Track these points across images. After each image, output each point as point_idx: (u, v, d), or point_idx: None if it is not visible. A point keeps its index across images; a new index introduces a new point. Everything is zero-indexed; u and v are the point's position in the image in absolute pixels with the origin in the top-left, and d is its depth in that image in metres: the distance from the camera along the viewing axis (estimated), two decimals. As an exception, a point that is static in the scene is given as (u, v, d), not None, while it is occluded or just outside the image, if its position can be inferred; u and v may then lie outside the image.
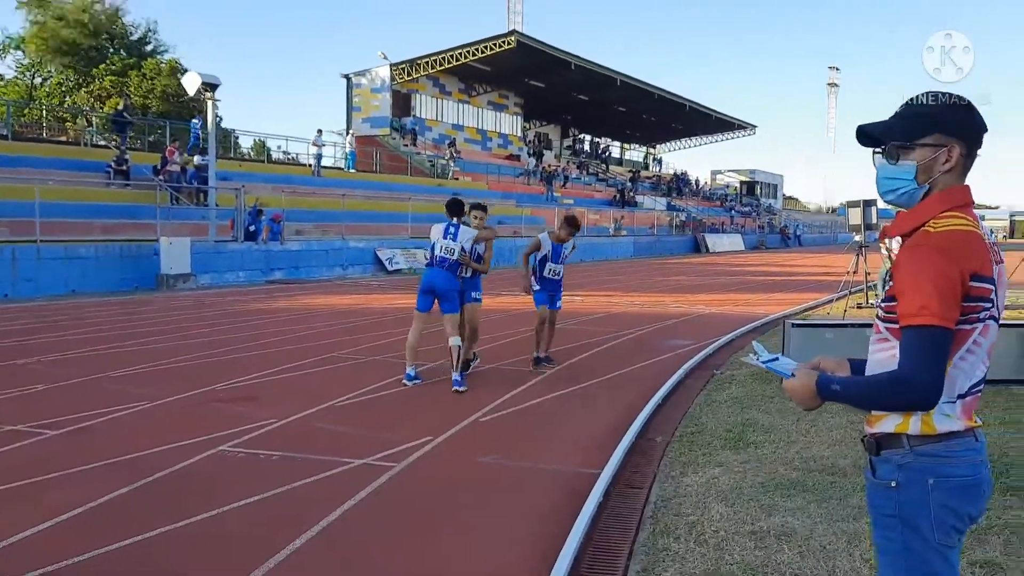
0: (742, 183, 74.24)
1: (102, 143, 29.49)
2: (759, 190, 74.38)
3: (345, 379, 7.79)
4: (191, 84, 19.75)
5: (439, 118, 44.40)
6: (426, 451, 5.42)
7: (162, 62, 45.87)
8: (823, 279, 22.33)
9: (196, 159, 23.29)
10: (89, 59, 45.42)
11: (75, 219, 17.49)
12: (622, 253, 38.05)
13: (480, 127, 47.43)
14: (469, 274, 7.73)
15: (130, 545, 3.78)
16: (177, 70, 42.84)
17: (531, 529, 4.14)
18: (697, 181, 67.42)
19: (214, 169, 20.81)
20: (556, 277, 8.39)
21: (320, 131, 31.17)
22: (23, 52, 46.74)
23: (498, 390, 7.33)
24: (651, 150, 69.94)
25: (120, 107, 25.93)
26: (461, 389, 7.18)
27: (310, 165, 31.34)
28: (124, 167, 21.44)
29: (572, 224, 8.37)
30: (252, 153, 41.02)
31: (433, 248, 7.52)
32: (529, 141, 52.08)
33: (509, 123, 49.90)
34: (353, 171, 34.03)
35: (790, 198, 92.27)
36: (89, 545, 3.72)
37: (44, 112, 38.68)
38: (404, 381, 7.41)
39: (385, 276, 22.77)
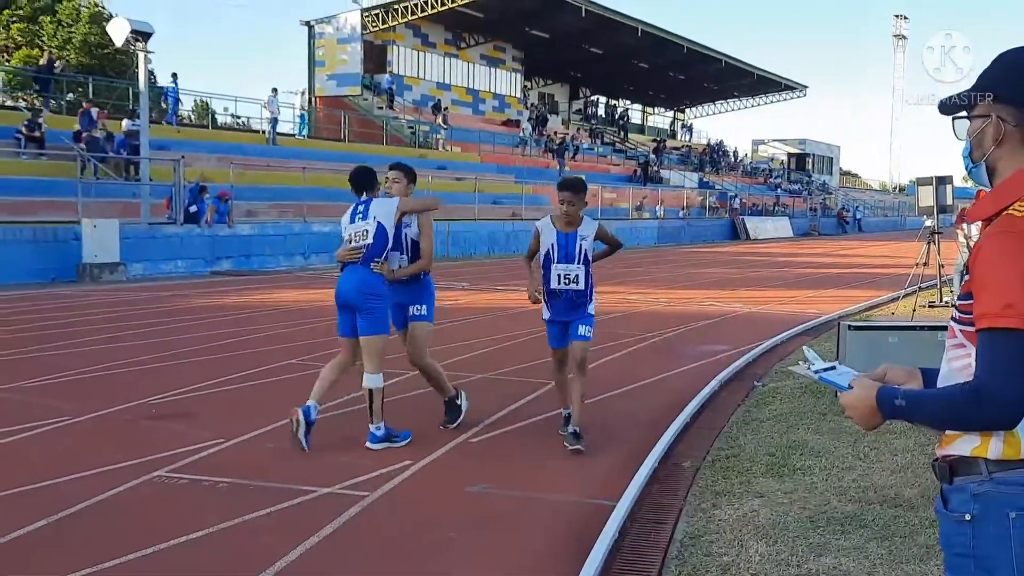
0: (790, 156, 74.35)
1: (9, 104, 29.50)
2: (811, 164, 74.50)
3: (305, 392, 7.78)
4: (118, 33, 19.76)
5: (421, 75, 44.44)
6: (404, 478, 5.45)
7: (81, 6, 45.79)
8: (887, 272, 22.39)
9: (125, 124, 23.30)
10: (-7, 2, 45.34)
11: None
12: (644, 240, 38.15)
13: (471, 86, 47.48)
14: (402, 275, 6.36)
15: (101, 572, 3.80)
16: (100, 16, 42.77)
17: (533, 571, 4.17)
18: (735, 153, 67.63)
19: (147, 137, 20.82)
20: (571, 287, 6.09)
21: (275, 90, 31.25)
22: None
23: (492, 404, 7.36)
24: (679, 115, 70.06)
25: (43, 61, 25.99)
26: (375, 447, 6.00)
27: (263, 132, 31.36)
28: (37, 133, 21.43)
29: (572, 188, 6.10)
30: (193, 117, 40.98)
31: (342, 243, 6.27)
32: (531, 104, 52.14)
33: (506, 81, 49.96)
34: (304, 137, 33.87)
35: (848, 174, 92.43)
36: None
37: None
38: (302, 423, 5.96)
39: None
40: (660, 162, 52.67)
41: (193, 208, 20.42)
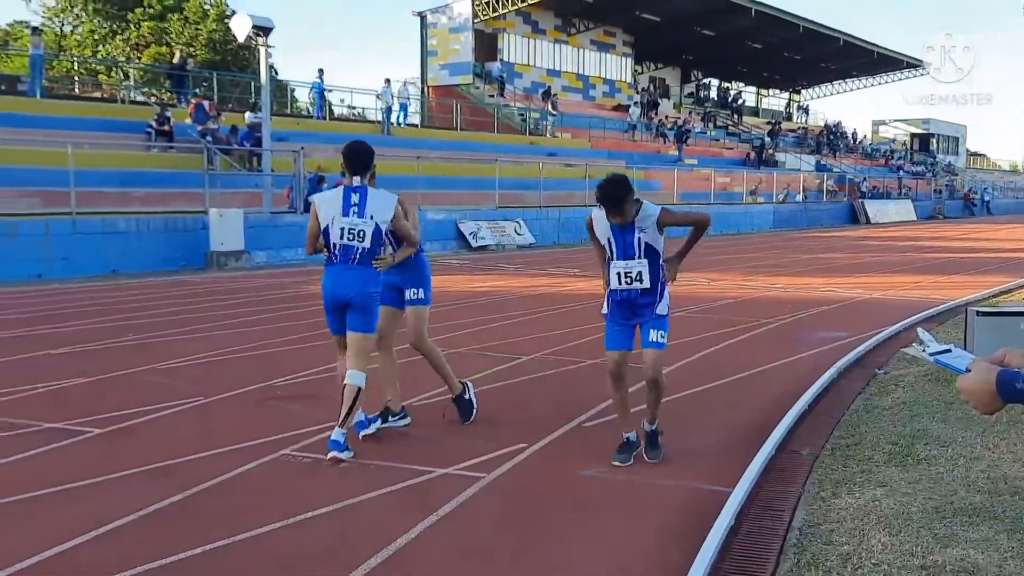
0: (913, 136, 71.66)
1: (140, 99, 30.87)
2: (935, 144, 71.63)
3: (423, 375, 7.94)
4: (241, 28, 20.41)
5: (531, 62, 44.48)
6: (520, 461, 5.52)
7: (207, 4, 47.48)
8: (1018, 257, 21.39)
9: (248, 116, 24.09)
10: (123, 3, 47.44)
11: (113, 188, 18.39)
12: (759, 224, 37.39)
13: (581, 72, 47.28)
14: (393, 259, 5.90)
15: (175, 563, 4.00)
16: (224, 14, 44.27)
17: (646, 555, 4.18)
18: (854, 134, 65.47)
19: (268, 129, 21.48)
20: (635, 285, 5.29)
21: (388, 81, 31.73)
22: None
23: (603, 389, 7.35)
24: (795, 96, 68.24)
25: (176, 60, 27.13)
26: (341, 455, 5.44)
27: (378, 122, 31.95)
28: (166, 127, 22.36)
29: (608, 201, 5.21)
30: (311, 109, 42.11)
31: (327, 234, 5.67)
32: (641, 88, 51.63)
33: (616, 66, 49.56)
34: (402, 125, 34.22)
35: (976, 154, 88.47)
36: (128, 562, 3.96)
37: (75, 65, 40.67)
38: (358, 432, 5.92)
39: (469, 254, 23.08)
40: (775, 145, 51.43)
41: (312, 198, 20.94)
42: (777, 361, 8.76)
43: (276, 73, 35.39)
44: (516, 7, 40.71)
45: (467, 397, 6.44)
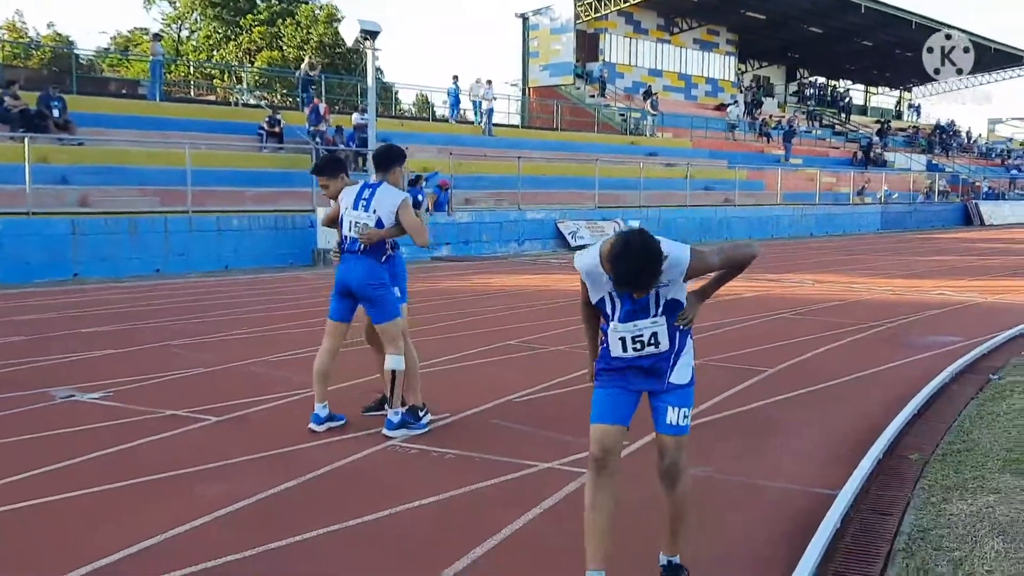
0: (1031, 134, 68.55)
1: (252, 102, 31.87)
2: (1056, 143, 68.36)
3: (523, 371, 8.07)
4: (349, 32, 20.87)
5: (633, 62, 44.24)
6: (622, 457, 5.52)
7: (317, 9, 48.67)
8: None
9: (354, 118, 24.64)
10: (237, 8, 49.02)
11: (226, 187, 19.05)
12: (866, 226, 36.39)
13: (683, 71, 46.80)
14: (390, 253, 6.11)
15: (289, 546, 4.16)
16: (334, 17, 45.32)
17: (751, 554, 4.16)
18: (968, 134, 63.05)
19: (374, 129, 21.92)
20: (647, 351, 3.68)
21: (489, 82, 31.98)
22: (169, 2, 51.18)
23: (706, 390, 7.32)
24: (905, 94, 66.10)
25: (304, 66, 28.03)
26: (392, 434, 5.85)
27: (480, 123, 32.25)
28: (277, 128, 23.05)
29: (636, 279, 3.39)
30: (414, 110, 42.80)
31: (340, 223, 6.07)
32: (745, 87, 50.79)
33: (719, 65, 48.90)
34: (477, 125, 34.46)
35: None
36: (243, 544, 4.13)
37: (191, 69, 42.21)
38: (311, 426, 6.02)
39: (567, 253, 23.09)
40: (884, 144, 49.93)
41: (419, 197, 21.32)
42: (885, 365, 8.55)
43: (382, 75, 36.07)
44: (618, 7, 40.56)
45: (420, 414, 6.19)
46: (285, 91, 32.59)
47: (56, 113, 19.22)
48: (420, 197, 21.20)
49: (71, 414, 6.41)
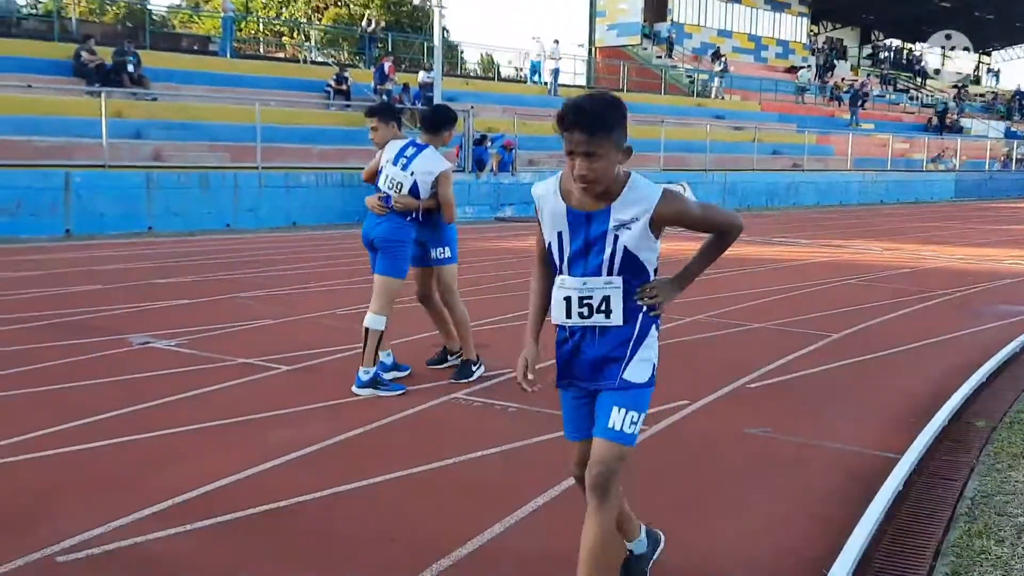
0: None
1: (320, 60, 32.10)
2: None
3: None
4: (417, -10, 20.87)
5: (702, 23, 43.49)
6: (682, 416, 5.58)
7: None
8: None
9: (420, 76, 24.71)
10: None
11: (294, 144, 19.32)
12: (939, 194, 35.52)
13: (753, 32, 45.89)
14: (418, 217, 6.05)
15: (354, 489, 4.29)
16: (399, -25, 45.29)
17: (810, 511, 4.19)
18: (1052, 99, 60.88)
19: (440, 88, 21.99)
20: (594, 320, 2.98)
21: (556, 42, 31.81)
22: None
23: (769, 353, 7.31)
24: (984, 59, 63.97)
25: (364, 23, 28.15)
26: (359, 392, 5.82)
27: (545, 83, 32.09)
28: (344, 86, 23.23)
29: (583, 120, 2.77)
30: (479, 70, 42.72)
31: (378, 176, 6.11)
32: (817, 49, 49.63)
33: (790, 27, 47.82)
34: (535, 83, 34.20)
35: None
36: (310, 487, 4.28)
37: (261, 26, 42.59)
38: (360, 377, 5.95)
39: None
40: (960, 110, 48.50)
41: (478, 156, 21.39)
42: (953, 333, 8.42)
43: (448, 34, 36.02)
44: (688, -34, 39.84)
45: (473, 368, 6.32)
46: (351, 49, 32.71)
47: (131, 68, 19.63)
48: (484, 157, 21.29)
49: (148, 359, 6.64)
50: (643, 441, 5.05)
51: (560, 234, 2.96)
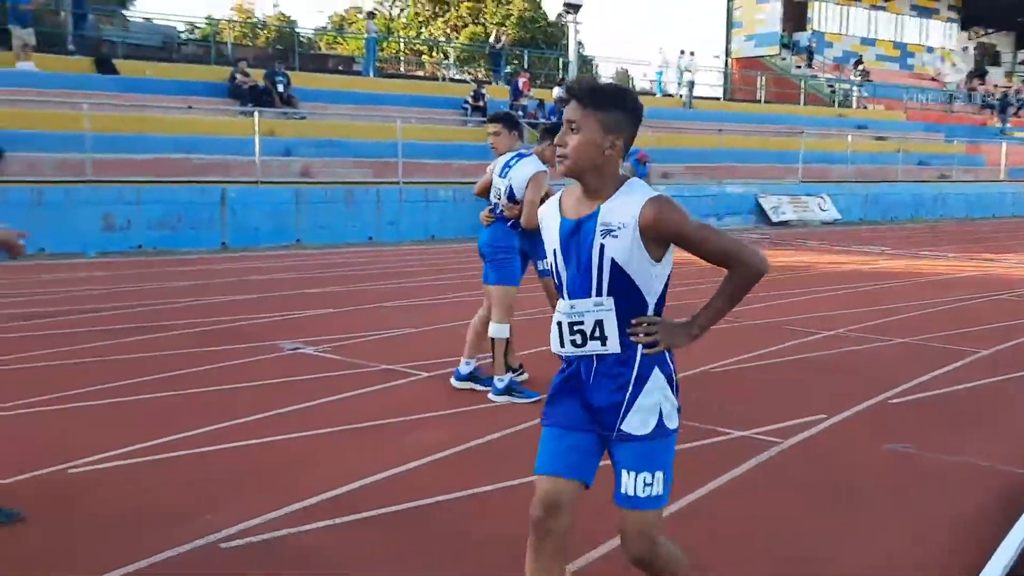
0: None
1: (458, 77, 32.82)
2: None
3: (719, 344, 8.04)
4: (553, 6, 21.12)
5: (843, 31, 42.22)
6: (819, 430, 5.50)
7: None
8: None
9: (555, 92, 24.94)
10: (445, -15, 50.40)
11: (433, 160, 19.81)
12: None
13: (898, 40, 44.24)
14: (517, 224, 6.12)
15: (494, 490, 4.44)
16: (535, -8, 45.84)
17: (953, 528, 4.08)
18: None
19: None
20: (587, 348, 2.66)
21: (692, 54, 31.51)
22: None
23: (913, 368, 7.10)
24: None
25: (492, 40, 28.67)
26: (496, 399, 6.01)
27: (680, 96, 31.85)
28: (481, 102, 23.67)
29: (585, 92, 2.63)
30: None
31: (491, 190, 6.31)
32: (967, 55, 47.44)
33: (939, 33, 45.85)
34: (661, 95, 33.82)
35: None
36: (451, 487, 4.43)
37: (401, 46, 43.84)
38: (452, 381, 6.34)
39: (768, 228, 22.59)
40: None
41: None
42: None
43: (582, 48, 36.22)
44: (829, -27, 38.83)
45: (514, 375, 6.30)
46: (488, 66, 33.28)
47: (281, 89, 20.55)
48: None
49: (297, 365, 6.99)
50: (777, 456, 5.02)
51: (555, 252, 2.69)
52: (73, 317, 8.73)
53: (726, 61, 40.45)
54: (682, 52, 31.46)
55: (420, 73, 35.98)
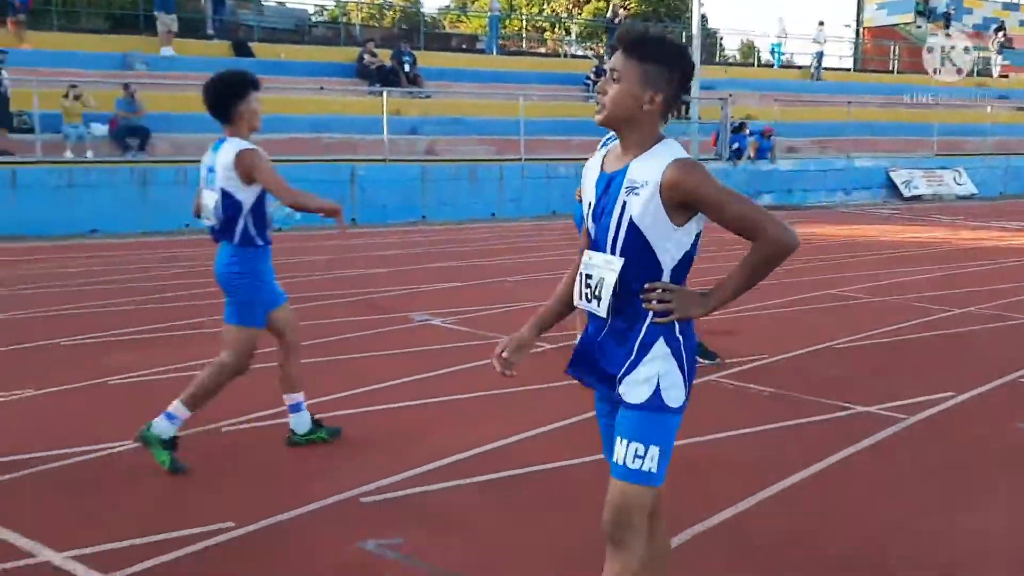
0: None
1: (579, 54, 32.78)
2: None
3: (845, 320, 8.00)
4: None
5: (985, -5, 40.15)
6: (946, 407, 5.43)
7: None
8: None
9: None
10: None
11: (555, 136, 19.94)
12: None
13: (1046, 3, 41.77)
14: None
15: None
16: (658, -36, 45.15)
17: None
18: None
19: (698, 77, 21.85)
20: (590, 305, 2.61)
21: (821, 24, 30.59)
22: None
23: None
24: None
25: (609, 14, 28.54)
26: None
27: (808, 67, 31.00)
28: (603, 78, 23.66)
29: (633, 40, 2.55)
30: (738, 56, 41.79)
31: None
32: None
33: (1096, -7, 43.04)
34: (803, 74, 32.66)
35: None
36: (575, 453, 4.58)
37: (524, 23, 43.96)
38: None
39: (900, 203, 21.88)
40: None
41: (736, 145, 21.12)
42: None
43: (706, 21, 35.61)
44: (970, -65, 36.95)
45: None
46: (609, 41, 33.10)
47: (407, 68, 21.03)
48: (743, 145, 20.99)
49: (427, 335, 7.29)
50: (901, 431, 5.00)
51: (590, 204, 2.59)
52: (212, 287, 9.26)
53: (857, 30, 39.06)
54: (820, 23, 30.57)
55: (542, 50, 36.06)
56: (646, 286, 2.46)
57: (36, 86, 14.98)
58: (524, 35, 40.92)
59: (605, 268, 2.50)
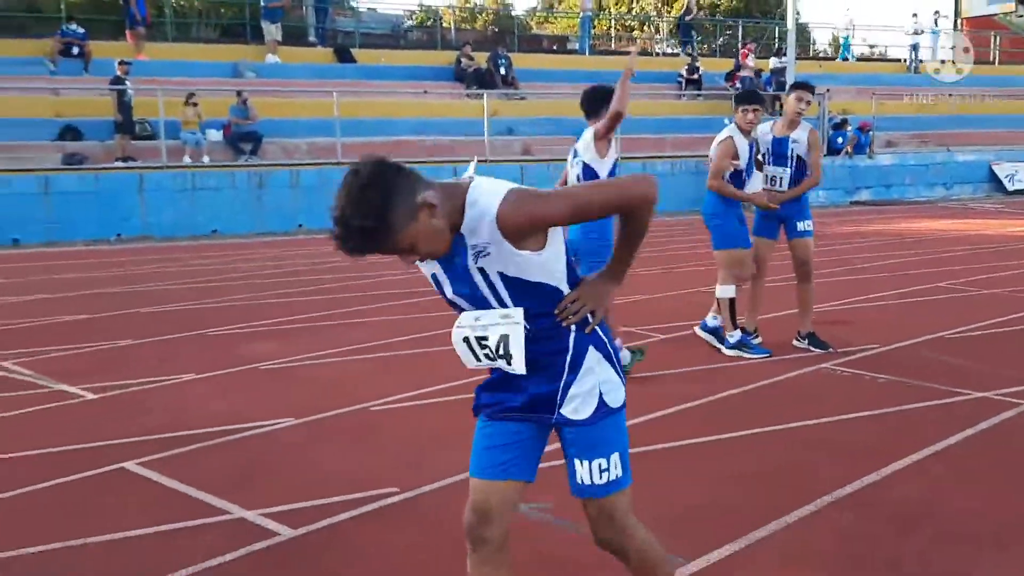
0: None
1: (670, 51, 32.79)
2: None
3: (954, 311, 8.08)
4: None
5: (1093, -19, 38.69)
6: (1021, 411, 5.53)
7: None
8: None
9: (772, 62, 24.56)
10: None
11: (650, 134, 20.12)
12: None
13: None
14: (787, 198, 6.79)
15: (736, 438, 4.83)
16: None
17: None
18: None
19: (793, 72, 21.74)
20: (498, 364, 2.47)
21: (915, 16, 30.03)
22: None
23: None
24: None
25: (684, 10, 28.52)
26: (728, 352, 6.49)
27: (904, 60, 30.44)
28: (696, 76, 23.69)
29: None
30: (831, 50, 41.11)
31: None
32: None
33: None
34: (900, 67, 31.80)
35: None
36: (697, 433, 4.89)
37: (613, 22, 44.04)
38: (696, 330, 6.89)
39: (1003, 197, 21.45)
40: None
41: (840, 139, 20.92)
42: None
43: (799, 16, 35.19)
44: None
45: (820, 339, 6.64)
46: (700, 38, 32.95)
47: (503, 71, 21.44)
48: (843, 139, 20.82)
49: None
50: (1017, 416, 5.13)
51: (435, 275, 2.47)
52: (333, 284, 9.78)
53: (955, 22, 38.07)
54: (914, 15, 30.00)
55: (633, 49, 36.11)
56: (555, 312, 2.40)
57: (161, 95, 15.85)
58: (613, 34, 41.02)
59: (504, 324, 2.36)
